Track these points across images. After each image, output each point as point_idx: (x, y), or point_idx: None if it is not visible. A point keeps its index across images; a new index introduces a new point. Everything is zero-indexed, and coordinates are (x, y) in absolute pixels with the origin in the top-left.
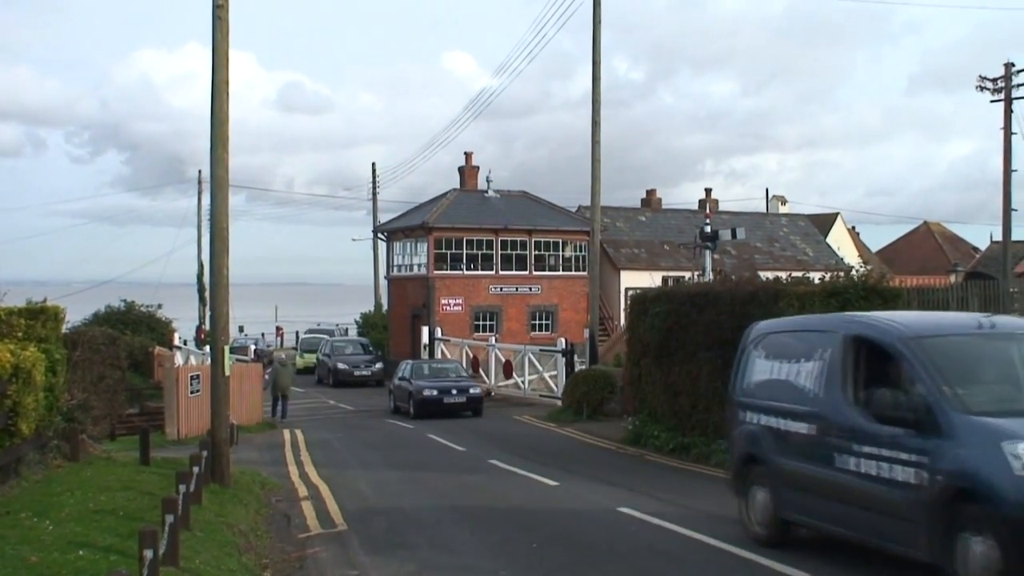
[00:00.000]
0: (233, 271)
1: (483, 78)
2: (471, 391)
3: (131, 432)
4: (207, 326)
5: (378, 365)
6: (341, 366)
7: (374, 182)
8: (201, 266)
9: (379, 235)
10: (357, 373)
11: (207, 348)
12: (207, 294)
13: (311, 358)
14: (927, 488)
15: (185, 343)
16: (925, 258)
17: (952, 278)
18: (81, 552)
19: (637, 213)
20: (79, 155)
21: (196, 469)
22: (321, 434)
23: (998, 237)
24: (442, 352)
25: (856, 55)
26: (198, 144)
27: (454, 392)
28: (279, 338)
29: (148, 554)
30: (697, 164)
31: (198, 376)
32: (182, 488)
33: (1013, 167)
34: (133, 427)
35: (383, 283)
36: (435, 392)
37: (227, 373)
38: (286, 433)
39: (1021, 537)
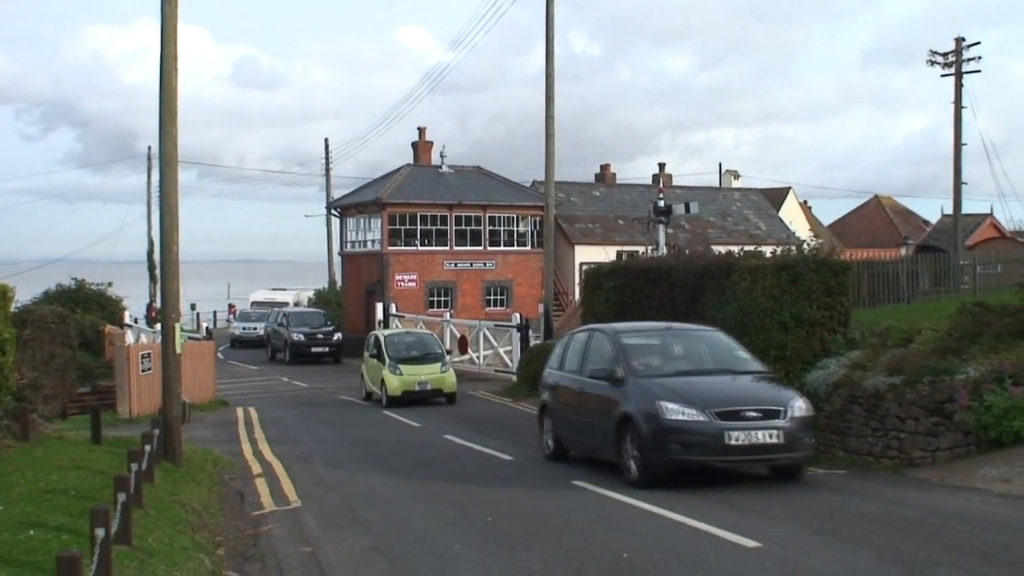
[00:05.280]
0: (184, 248)
1: (438, 53)
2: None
3: (82, 411)
4: (158, 304)
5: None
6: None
7: (327, 158)
8: (151, 243)
9: (332, 211)
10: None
11: (158, 326)
12: (158, 272)
13: (414, 374)
14: None
15: (136, 321)
16: (876, 232)
17: (902, 251)
18: (32, 532)
19: (591, 188)
20: (30, 132)
21: (148, 448)
22: (275, 411)
23: (949, 211)
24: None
25: (812, 30)
26: (150, 121)
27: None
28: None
29: (100, 533)
30: (653, 139)
31: (149, 354)
32: (134, 467)
33: (963, 141)
34: (84, 406)
35: (337, 260)
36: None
37: (178, 351)
38: (239, 411)
39: None
